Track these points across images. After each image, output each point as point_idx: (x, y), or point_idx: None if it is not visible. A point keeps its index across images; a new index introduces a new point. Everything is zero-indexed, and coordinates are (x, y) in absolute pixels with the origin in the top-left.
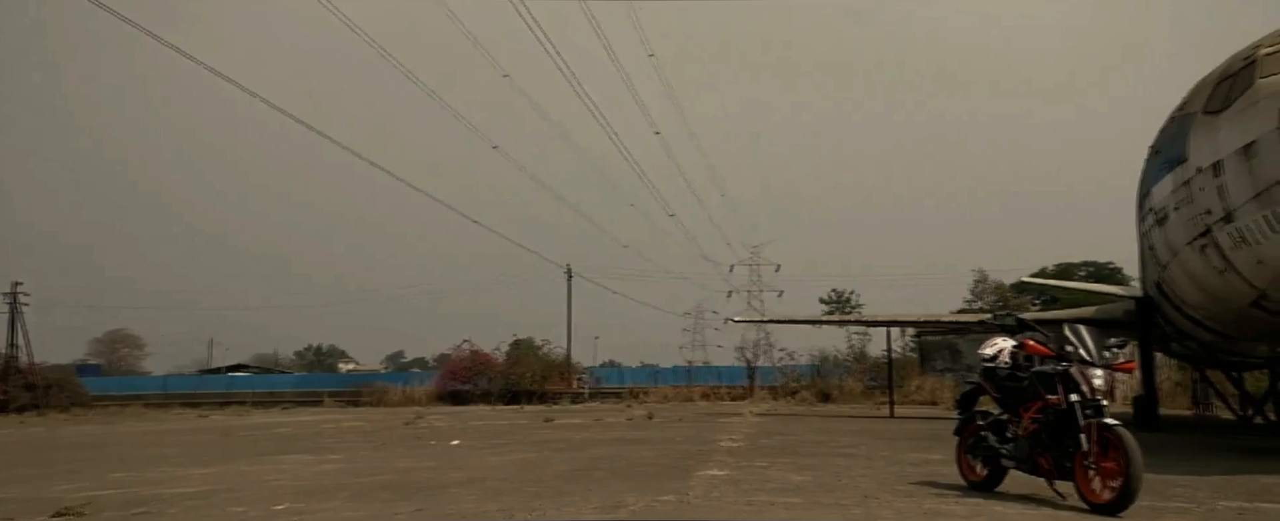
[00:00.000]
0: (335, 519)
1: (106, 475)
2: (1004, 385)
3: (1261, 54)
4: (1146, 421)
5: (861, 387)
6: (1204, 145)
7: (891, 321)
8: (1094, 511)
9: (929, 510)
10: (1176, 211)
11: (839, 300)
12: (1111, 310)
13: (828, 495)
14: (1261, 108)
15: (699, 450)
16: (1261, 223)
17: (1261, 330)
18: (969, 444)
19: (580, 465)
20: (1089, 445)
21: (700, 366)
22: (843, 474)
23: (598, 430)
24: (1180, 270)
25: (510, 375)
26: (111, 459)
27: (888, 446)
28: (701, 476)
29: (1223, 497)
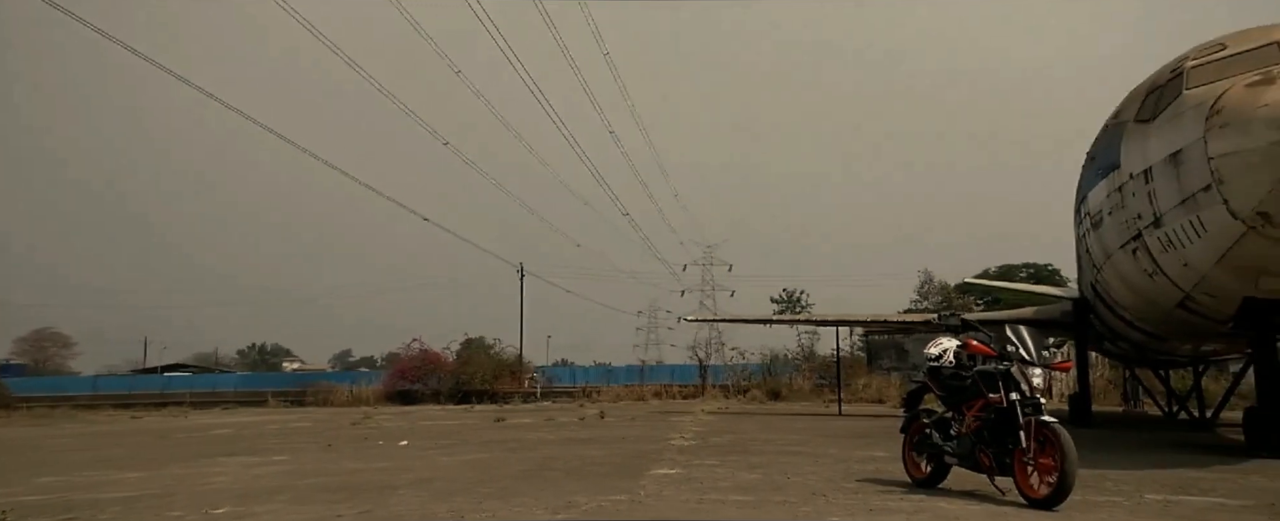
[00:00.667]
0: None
1: (33, 480)
2: (948, 384)
3: (1188, 66)
4: (1081, 418)
5: (810, 386)
6: (1135, 152)
7: (840, 321)
8: (1031, 506)
9: (875, 507)
10: (1110, 216)
11: (790, 299)
12: (1050, 311)
13: (777, 493)
14: (1187, 118)
15: (651, 449)
16: (1187, 227)
17: (1187, 330)
18: (914, 441)
19: (531, 465)
20: (1028, 442)
21: (653, 365)
22: (792, 472)
23: (549, 430)
24: (1113, 273)
25: (461, 374)
26: (38, 462)
27: (835, 444)
28: (653, 475)
29: (1150, 490)
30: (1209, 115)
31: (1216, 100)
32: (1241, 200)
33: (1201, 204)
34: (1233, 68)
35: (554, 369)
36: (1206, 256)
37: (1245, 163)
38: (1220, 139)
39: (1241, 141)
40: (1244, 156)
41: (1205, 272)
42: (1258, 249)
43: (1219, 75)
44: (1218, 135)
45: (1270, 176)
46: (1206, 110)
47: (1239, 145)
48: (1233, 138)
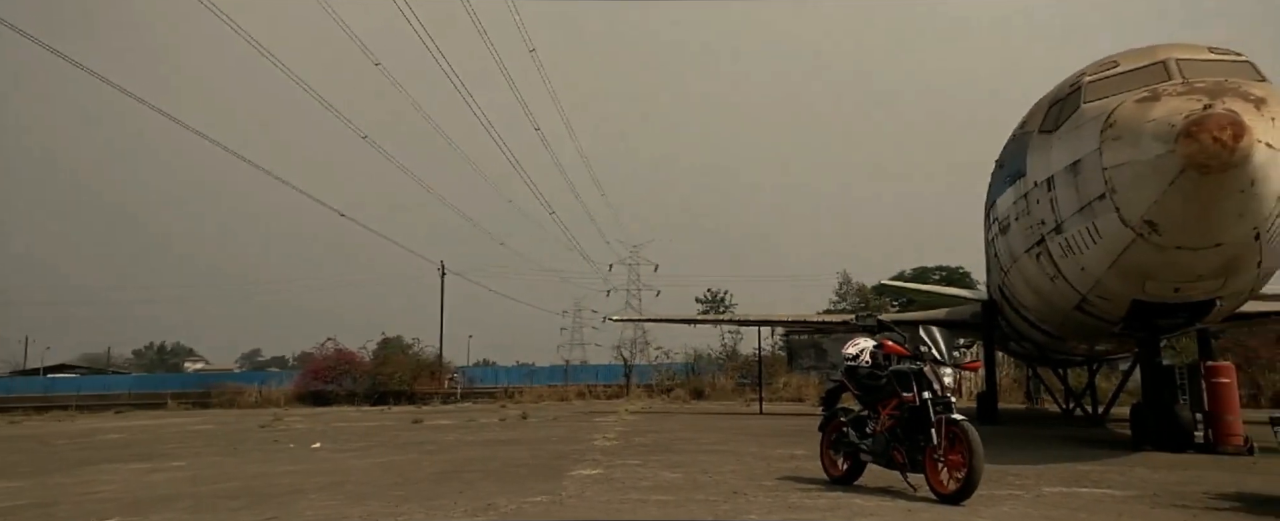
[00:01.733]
0: None
1: None
2: (864, 383)
3: (1086, 81)
4: (988, 415)
5: (733, 385)
6: (1039, 161)
7: (762, 321)
8: (941, 501)
9: (793, 504)
10: (1016, 222)
11: (714, 300)
12: (961, 312)
13: (698, 492)
14: (1085, 130)
15: (573, 449)
16: (1084, 234)
17: (1083, 331)
18: (832, 440)
19: (450, 467)
20: (938, 439)
21: (577, 365)
22: (713, 470)
23: (469, 431)
24: (1019, 276)
25: (378, 375)
26: None
27: (756, 442)
28: (575, 476)
29: (1048, 483)
30: (1103, 128)
31: (1110, 114)
32: (1131, 209)
33: (1097, 212)
34: (1125, 84)
35: (475, 369)
36: (1101, 261)
37: (1135, 173)
38: (1113, 151)
39: (1132, 153)
40: (1134, 168)
41: (1099, 277)
42: (1145, 255)
43: (1112, 91)
44: (1111, 147)
45: (1156, 187)
46: (1101, 123)
47: (1129, 157)
48: (1124, 150)
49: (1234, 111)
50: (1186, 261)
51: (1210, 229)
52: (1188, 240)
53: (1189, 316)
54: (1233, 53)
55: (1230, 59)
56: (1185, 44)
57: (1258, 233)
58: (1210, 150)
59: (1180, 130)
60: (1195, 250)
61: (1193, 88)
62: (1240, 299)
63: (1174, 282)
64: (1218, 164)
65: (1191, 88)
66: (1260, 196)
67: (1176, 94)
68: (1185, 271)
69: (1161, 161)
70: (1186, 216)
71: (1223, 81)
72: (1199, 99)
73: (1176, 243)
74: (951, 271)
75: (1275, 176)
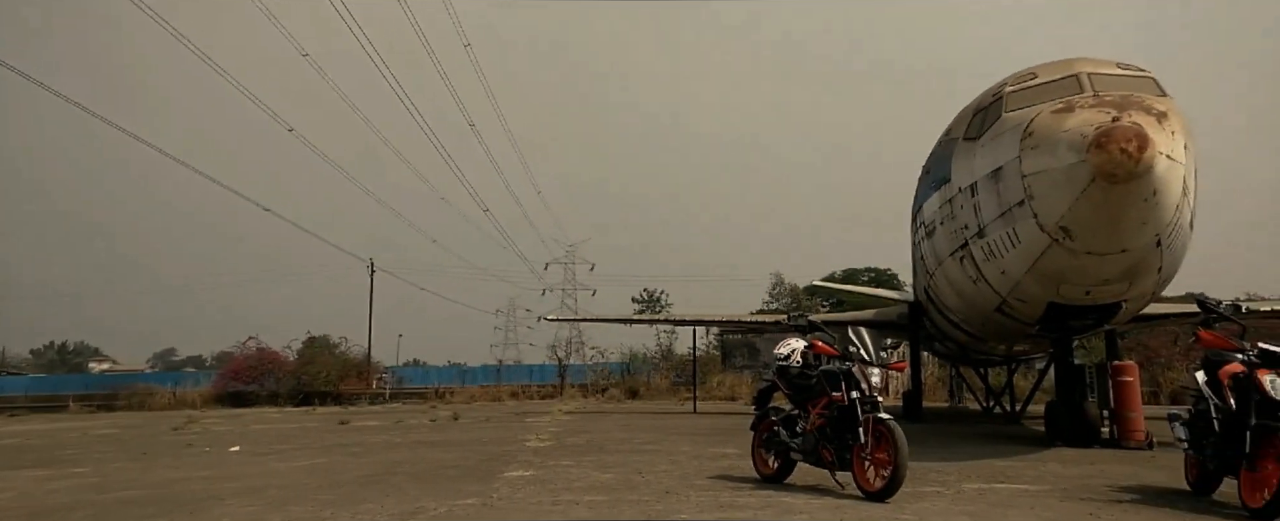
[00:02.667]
0: None
1: None
2: (795, 383)
3: (1007, 90)
4: (913, 414)
5: (668, 384)
6: (963, 168)
7: (697, 321)
8: (867, 498)
9: (724, 503)
10: (942, 226)
11: (650, 299)
12: (888, 313)
13: (631, 492)
14: (1006, 138)
15: (505, 450)
16: (1005, 238)
17: (1003, 332)
18: (763, 438)
19: (377, 469)
20: (866, 438)
21: (511, 365)
22: (646, 470)
23: (398, 432)
24: (944, 278)
25: (302, 375)
26: None
27: (689, 442)
28: (507, 477)
29: (968, 480)
30: (1023, 137)
31: (1029, 124)
32: (1048, 215)
33: (1016, 217)
34: (1042, 95)
35: (405, 369)
36: (1020, 265)
37: (1051, 181)
38: (1032, 159)
39: (1048, 162)
40: (1050, 175)
41: (1018, 280)
42: (1060, 259)
43: (1031, 101)
44: (1030, 155)
45: (1071, 194)
46: (1021, 132)
47: (1046, 165)
48: (1041, 158)
49: (1139, 124)
50: (1096, 266)
51: (1117, 235)
52: (1098, 246)
53: (1098, 318)
54: (1138, 68)
55: (1135, 74)
56: (1096, 59)
57: (1159, 239)
58: (1118, 160)
59: (1091, 141)
60: (1104, 255)
61: (1103, 100)
62: (1144, 301)
63: (1085, 286)
64: (1124, 174)
65: (1102, 100)
66: (1161, 205)
67: (1088, 106)
68: (1095, 275)
69: (1075, 170)
70: (1097, 223)
71: (1129, 95)
72: (1108, 111)
73: (1088, 248)
74: (881, 273)
75: (1174, 187)
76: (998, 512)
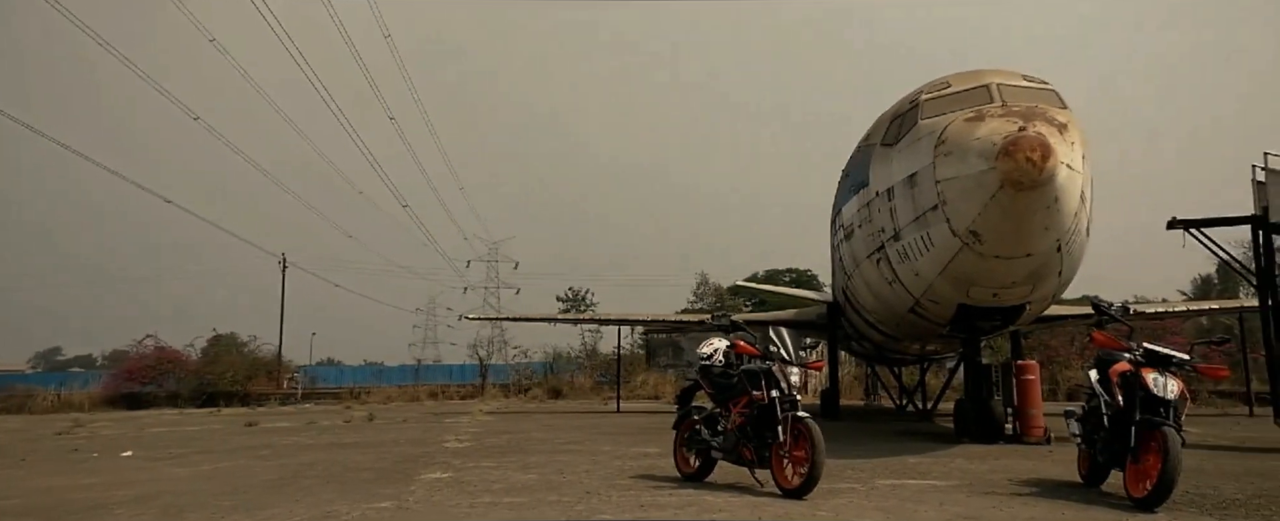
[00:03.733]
0: None
1: None
2: (717, 382)
3: (923, 99)
4: (830, 411)
5: (592, 384)
6: (881, 173)
7: (622, 320)
8: (785, 495)
9: (645, 503)
10: (860, 229)
11: (575, 298)
12: (808, 313)
13: (552, 493)
14: (921, 145)
15: (423, 452)
16: (919, 242)
17: (916, 332)
18: (685, 437)
19: (285, 473)
20: (784, 436)
21: (431, 364)
22: (567, 470)
23: (309, 433)
24: (861, 280)
25: (205, 375)
26: None
27: (612, 441)
28: (424, 479)
29: (881, 476)
30: (937, 144)
31: (943, 131)
32: (959, 219)
33: (930, 221)
34: (955, 104)
35: (318, 368)
36: (932, 267)
37: (963, 187)
38: (944, 165)
39: (960, 168)
40: (962, 182)
41: (931, 281)
42: (970, 263)
43: (945, 109)
44: (943, 162)
45: (980, 200)
46: (935, 139)
47: (958, 171)
48: (954, 165)
49: (1042, 135)
50: (1003, 269)
51: (1023, 240)
52: (1005, 250)
53: (1004, 319)
54: (1042, 80)
55: (1039, 86)
56: (1004, 70)
57: (1060, 244)
58: (1023, 168)
59: (1000, 149)
60: (1010, 259)
61: (1011, 111)
62: (1045, 303)
63: (993, 288)
64: (1029, 181)
65: (1009, 111)
66: (1062, 212)
67: (997, 115)
68: (1002, 278)
69: (984, 177)
70: (1004, 228)
71: (1034, 106)
72: (1015, 121)
73: (996, 252)
74: (801, 274)
75: (1073, 195)
76: (909, 507)
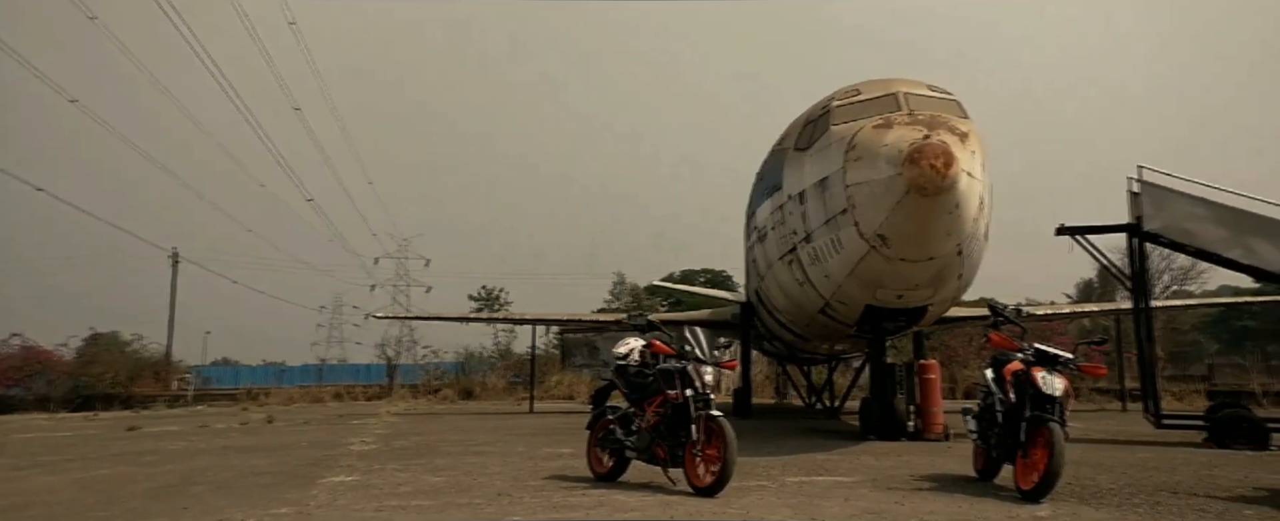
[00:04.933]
0: None
1: None
2: (633, 381)
3: (835, 105)
4: (743, 410)
5: (505, 384)
6: (794, 176)
7: (537, 320)
8: (697, 493)
9: (557, 504)
10: (773, 231)
11: (488, 297)
12: (722, 313)
13: (462, 495)
14: (832, 150)
15: (325, 455)
16: (829, 244)
17: (826, 332)
18: (599, 437)
19: (173, 480)
20: (697, 435)
21: (335, 364)
22: (478, 472)
23: (201, 438)
24: (774, 281)
25: (82, 376)
26: None
27: (524, 442)
28: (326, 483)
29: (790, 473)
30: (847, 150)
31: (853, 137)
32: (868, 223)
33: (840, 225)
34: (865, 111)
35: (213, 369)
36: (842, 269)
37: (871, 192)
38: (854, 170)
39: (869, 174)
40: (870, 186)
41: (840, 283)
42: (877, 265)
43: (856, 116)
44: (853, 167)
45: (887, 205)
46: (846, 145)
47: (867, 176)
48: (863, 170)
49: (945, 143)
50: (908, 272)
51: (926, 244)
52: (909, 253)
53: (908, 320)
54: (946, 91)
55: (943, 96)
56: (911, 80)
57: (960, 249)
58: (928, 175)
59: (906, 156)
60: (914, 262)
61: (917, 119)
62: (946, 305)
63: (898, 290)
64: (932, 187)
65: (916, 119)
66: (962, 217)
67: (904, 123)
68: (907, 280)
69: (892, 182)
70: (909, 232)
71: (937, 115)
72: (921, 130)
73: (901, 255)
74: (716, 274)
75: (973, 201)
76: (816, 503)
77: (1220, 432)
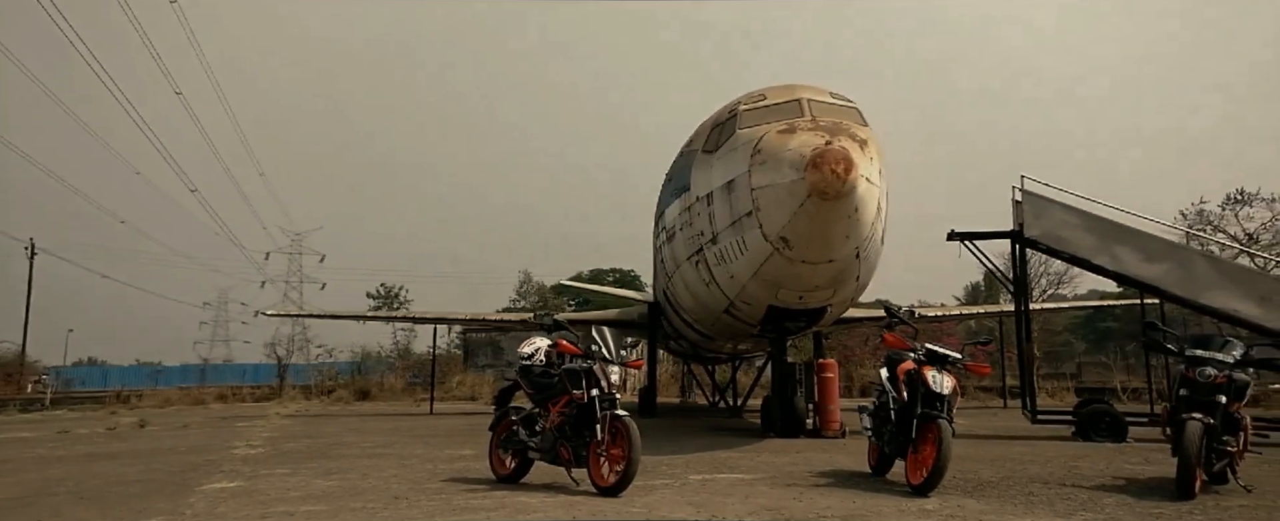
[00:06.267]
0: None
1: None
2: (538, 381)
3: (741, 109)
4: (648, 409)
5: (404, 384)
6: (701, 178)
7: (439, 319)
8: (601, 493)
9: (457, 506)
10: (681, 231)
11: (388, 295)
12: (630, 313)
13: (356, 499)
14: (738, 154)
15: (206, 460)
16: (735, 246)
17: (731, 331)
18: (502, 438)
19: (25, 490)
20: (602, 434)
21: (220, 364)
22: (374, 475)
23: (61, 444)
24: (681, 281)
25: None
26: None
27: (423, 444)
28: (205, 491)
29: (693, 471)
30: (752, 154)
31: (758, 141)
32: (771, 226)
33: (745, 227)
34: (769, 116)
35: (77, 369)
36: (746, 270)
37: (775, 195)
38: (759, 174)
39: (773, 178)
40: (774, 190)
41: (745, 284)
42: (780, 267)
43: (761, 121)
44: (758, 171)
45: (790, 208)
46: (752, 149)
47: (772, 180)
48: (767, 174)
49: (846, 149)
50: (809, 273)
51: (826, 246)
52: (810, 255)
53: (809, 320)
54: (846, 98)
55: (843, 103)
56: (814, 86)
57: (858, 252)
58: (829, 180)
59: (809, 161)
60: (815, 264)
61: (819, 125)
62: (845, 306)
63: (800, 291)
64: (833, 192)
65: (818, 125)
66: (861, 222)
67: (807, 129)
68: (808, 282)
69: (795, 186)
70: (810, 234)
71: (839, 122)
72: (823, 135)
73: (803, 257)
74: (625, 274)
75: (871, 206)
76: (718, 501)
77: (1086, 426)
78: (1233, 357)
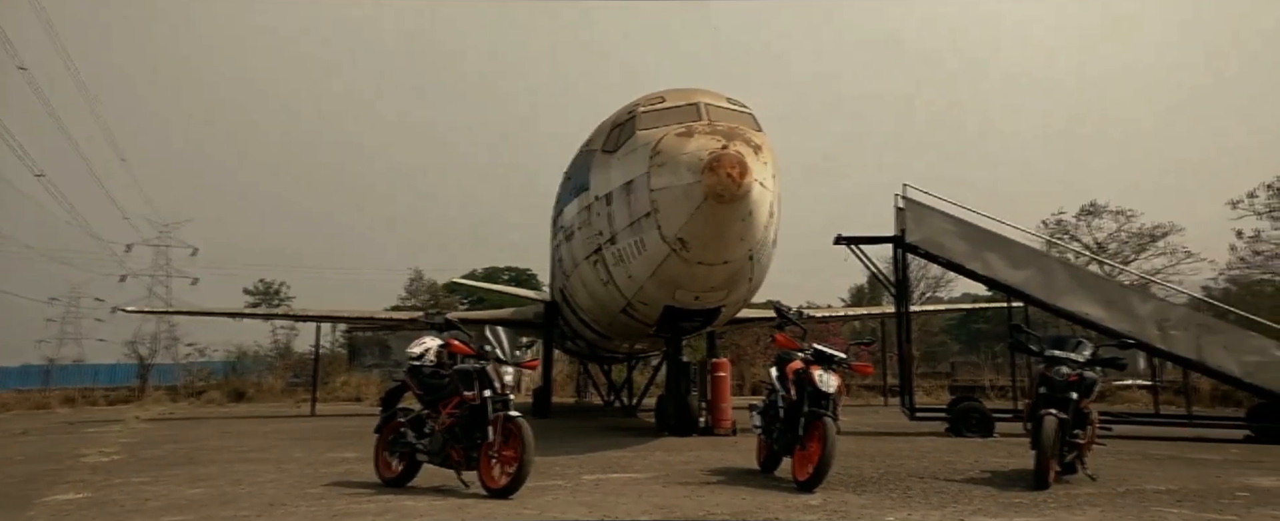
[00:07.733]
0: None
1: None
2: (428, 382)
3: (640, 110)
4: (542, 410)
5: (283, 385)
6: (601, 178)
7: (324, 317)
8: (491, 496)
9: (339, 511)
10: (579, 231)
11: (267, 291)
12: (526, 312)
13: (225, 507)
14: (638, 155)
15: (50, 469)
16: (633, 246)
17: (628, 331)
18: (389, 441)
19: None
20: (495, 436)
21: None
22: (247, 481)
23: None
24: (579, 280)
25: None
26: None
27: (303, 447)
28: (49, 502)
29: (586, 471)
30: (651, 155)
31: (657, 143)
32: (669, 227)
33: (644, 227)
34: (668, 118)
35: None
36: (644, 271)
37: (673, 197)
38: (658, 176)
39: (671, 180)
40: (672, 192)
41: (642, 284)
42: (677, 268)
43: (660, 123)
44: (657, 172)
45: (687, 210)
46: (651, 150)
47: (670, 182)
48: (666, 176)
49: (741, 153)
50: (705, 274)
51: (722, 248)
52: (706, 257)
53: (704, 320)
54: (742, 104)
55: (739, 109)
56: (712, 91)
57: (752, 254)
58: (724, 183)
59: (706, 164)
60: (711, 265)
61: (716, 129)
62: (738, 307)
63: (696, 292)
64: (728, 195)
65: (715, 129)
66: (754, 225)
67: (704, 133)
68: (704, 283)
69: (692, 189)
70: (707, 236)
71: (735, 127)
72: (719, 140)
73: (699, 258)
74: (520, 272)
75: (764, 209)
76: (611, 501)
77: (958, 423)
78: (1083, 357)
